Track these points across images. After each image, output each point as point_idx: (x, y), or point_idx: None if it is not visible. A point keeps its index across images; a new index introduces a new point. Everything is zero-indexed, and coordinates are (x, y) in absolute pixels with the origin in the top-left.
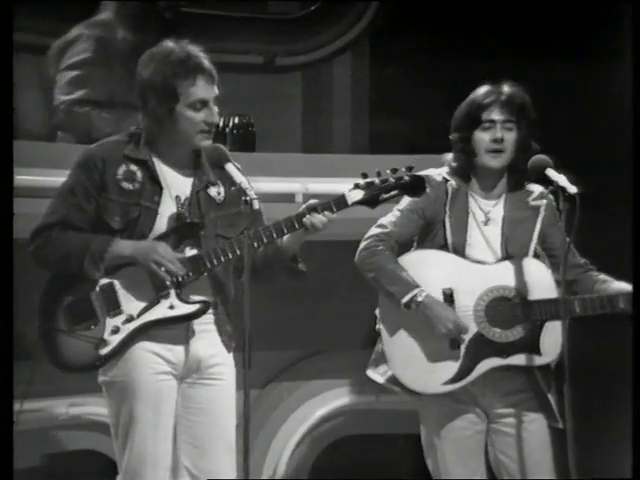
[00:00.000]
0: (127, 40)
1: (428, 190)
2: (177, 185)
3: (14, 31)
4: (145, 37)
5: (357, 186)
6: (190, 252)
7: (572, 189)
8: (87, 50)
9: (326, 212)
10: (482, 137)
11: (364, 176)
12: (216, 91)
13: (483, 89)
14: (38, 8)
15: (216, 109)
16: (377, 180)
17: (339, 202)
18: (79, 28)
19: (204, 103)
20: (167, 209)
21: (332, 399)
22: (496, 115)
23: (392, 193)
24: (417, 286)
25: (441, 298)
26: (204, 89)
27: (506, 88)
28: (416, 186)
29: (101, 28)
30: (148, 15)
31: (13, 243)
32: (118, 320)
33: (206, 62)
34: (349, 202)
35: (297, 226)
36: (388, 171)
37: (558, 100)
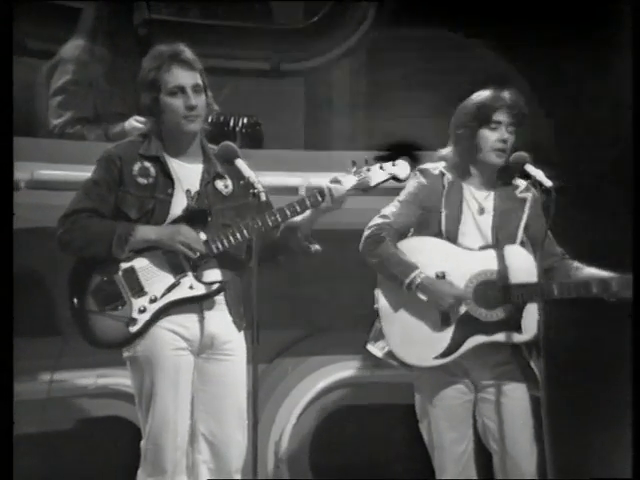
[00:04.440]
0: (104, 57)
1: (425, 181)
2: (187, 178)
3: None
4: (121, 52)
5: (349, 173)
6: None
7: (548, 183)
8: (67, 72)
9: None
10: (488, 135)
11: (354, 164)
12: (196, 80)
13: (490, 92)
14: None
15: (201, 96)
16: (365, 169)
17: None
18: (60, 52)
19: (181, 89)
20: (179, 201)
21: (332, 373)
22: (503, 117)
23: (383, 178)
24: (416, 268)
25: None
26: (179, 76)
27: (511, 94)
28: (401, 173)
29: (79, 50)
30: (122, 33)
31: (13, 238)
32: (144, 300)
33: (185, 53)
34: (345, 187)
35: (308, 204)
36: (374, 159)
37: (557, 98)
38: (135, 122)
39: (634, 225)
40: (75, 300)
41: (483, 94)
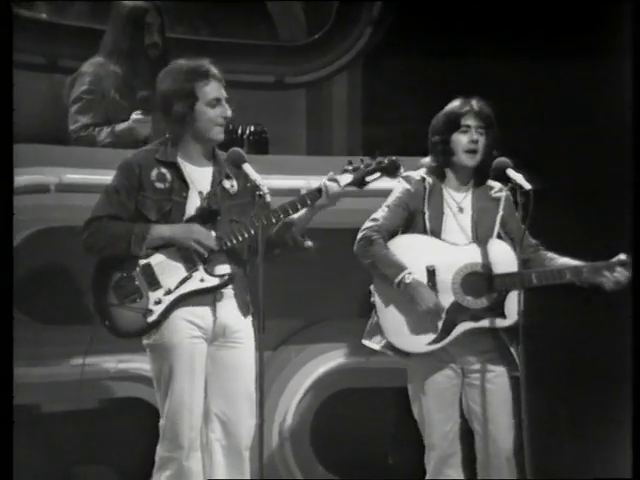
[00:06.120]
0: (117, 73)
1: (409, 187)
2: (199, 180)
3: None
4: (132, 69)
5: (346, 170)
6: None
7: (527, 186)
8: (85, 84)
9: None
10: (460, 139)
11: (350, 163)
12: (225, 93)
13: (458, 101)
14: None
15: (227, 106)
16: (362, 165)
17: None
18: (81, 67)
19: (218, 100)
20: (193, 202)
21: (331, 359)
22: (471, 121)
23: (375, 175)
24: (405, 268)
25: (425, 274)
26: (217, 89)
27: (477, 102)
28: (392, 168)
29: (95, 66)
30: (135, 54)
31: (13, 240)
32: (159, 293)
33: (214, 69)
34: (341, 184)
35: (308, 202)
36: (370, 158)
37: (557, 99)
38: (134, 115)
39: (634, 225)
40: (98, 294)
41: (452, 103)
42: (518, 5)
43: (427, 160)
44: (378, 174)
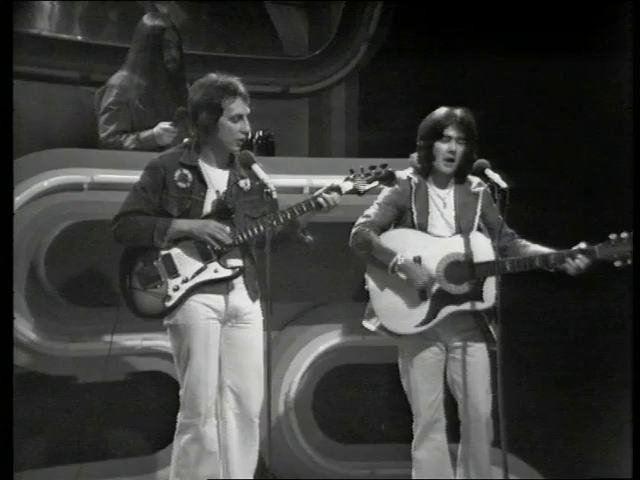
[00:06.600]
0: (140, 84)
1: (397, 186)
2: (217, 181)
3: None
4: (153, 82)
5: (347, 179)
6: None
7: (503, 184)
8: (112, 95)
9: (334, 194)
10: (441, 147)
11: (351, 172)
12: (248, 110)
13: (444, 111)
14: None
15: (247, 122)
16: (362, 174)
17: (335, 191)
18: (108, 80)
19: (240, 117)
20: (210, 200)
21: (330, 338)
22: (453, 132)
23: (373, 184)
24: (396, 254)
25: None
26: (241, 107)
27: (461, 112)
28: (388, 178)
29: (121, 79)
30: (155, 67)
31: (13, 241)
32: (177, 281)
33: (242, 87)
34: (343, 192)
35: (313, 206)
36: (369, 167)
37: (557, 99)
38: (163, 125)
39: (634, 224)
40: (123, 280)
41: (439, 112)
42: (518, 5)
43: (414, 157)
44: (376, 183)
